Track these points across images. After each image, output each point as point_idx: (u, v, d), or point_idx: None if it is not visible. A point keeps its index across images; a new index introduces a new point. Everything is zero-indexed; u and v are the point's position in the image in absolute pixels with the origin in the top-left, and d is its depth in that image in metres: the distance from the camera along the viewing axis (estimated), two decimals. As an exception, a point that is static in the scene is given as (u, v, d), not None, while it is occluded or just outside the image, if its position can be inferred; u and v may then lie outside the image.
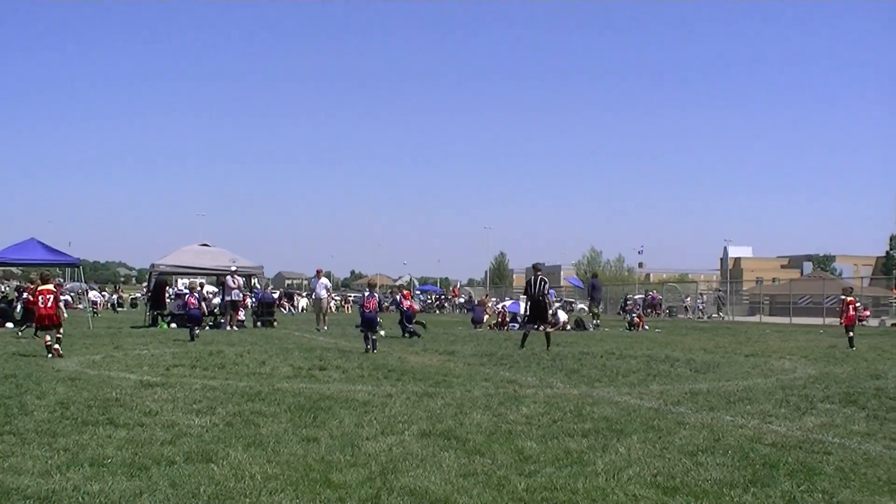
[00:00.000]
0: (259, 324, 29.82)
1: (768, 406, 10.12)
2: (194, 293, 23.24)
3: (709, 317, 51.08)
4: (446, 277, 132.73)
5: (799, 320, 43.13)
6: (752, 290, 64.69)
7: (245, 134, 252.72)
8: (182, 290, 34.51)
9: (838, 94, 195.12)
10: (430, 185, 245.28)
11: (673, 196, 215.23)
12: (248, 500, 5.51)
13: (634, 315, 34.86)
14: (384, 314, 32.24)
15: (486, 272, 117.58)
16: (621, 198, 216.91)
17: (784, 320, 44.54)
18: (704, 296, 58.89)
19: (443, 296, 74.21)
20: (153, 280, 30.34)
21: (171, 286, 38.09)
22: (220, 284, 31.57)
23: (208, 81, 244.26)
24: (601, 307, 39.58)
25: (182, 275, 43.00)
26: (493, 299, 50.07)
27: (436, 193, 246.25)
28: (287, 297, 58.60)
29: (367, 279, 27.48)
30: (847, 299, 22.15)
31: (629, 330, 32.13)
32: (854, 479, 6.32)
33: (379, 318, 19.35)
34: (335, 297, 54.86)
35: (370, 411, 9.30)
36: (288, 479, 6.07)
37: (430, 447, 7.33)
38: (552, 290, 22.03)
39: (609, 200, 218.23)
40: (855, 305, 22.82)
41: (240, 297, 29.09)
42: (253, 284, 32.34)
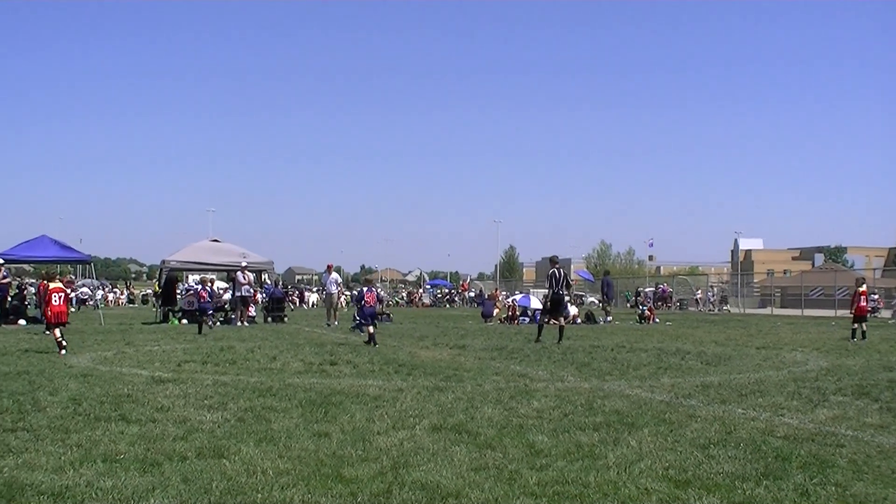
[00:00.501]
0: (270, 319, 29.88)
1: (780, 398, 10.09)
2: (205, 287, 23.30)
3: (719, 309, 50.99)
4: (456, 272, 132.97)
5: (811, 312, 43.03)
6: (762, 282, 64.59)
7: (255, 130, 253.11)
8: (193, 287, 34.62)
9: (849, 85, 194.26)
10: (439, 180, 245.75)
11: (683, 188, 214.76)
12: (260, 496, 5.51)
13: (645, 308, 34.84)
14: (396, 309, 32.17)
15: (496, 266, 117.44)
16: (631, 190, 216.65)
17: (796, 312, 44.43)
18: (715, 288, 58.78)
19: (453, 290, 74.29)
20: (164, 276, 30.43)
21: (182, 282, 38.17)
22: (231, 280, 31.63)
23: (218, 77, 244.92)
24: (613, 304, 39.52)
25: (193, 271, 43.02)
26: (504, 293, 50.12)
27: (445, 188, 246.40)
28: (298, 292, 58.68)
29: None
30: (860, 290, 22.03)
31: (640, 323, 32.10)
32: (867, 472, 6.28)
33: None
34: (345, 293, 54.96)
35: (381, 406, 9.30)
36: (300, 474, 6.07)
37: (441, 441, 7.32)
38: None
39: (619, 193, 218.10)
40: (867, 296, 22.69)
41: (250, 292, 29.14)
42: (263, 280, 32.37)
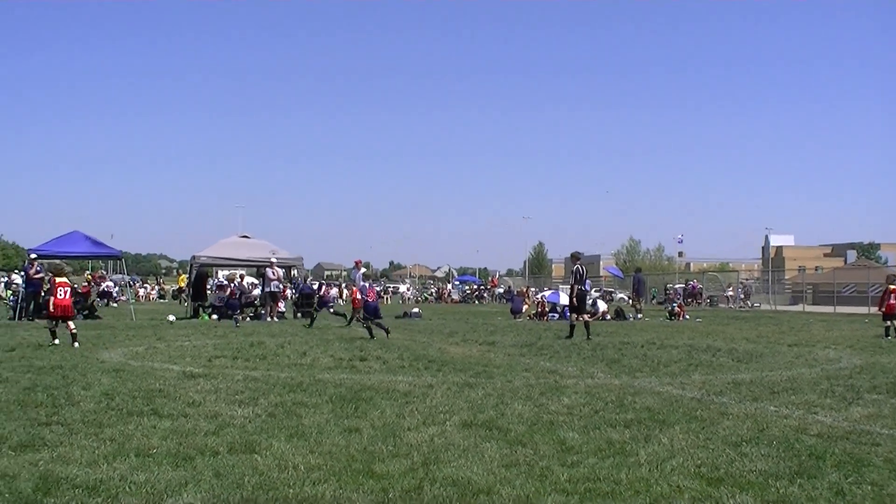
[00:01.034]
0: (299, 315, 29.99)
1: (813, 396, 9.99)
2: (233, 283, 23.44)
3: (747, 306, 50.53)
4: (485, 268, 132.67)
5: (843, 309, 42.52)
6: (794, 278, 63.92)
7: (284, 127, 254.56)
8: (223, 282, 34.81)
9: (881, 81, 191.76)
10: (469, 176, 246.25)
11: (713, 184, 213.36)
12: (291, 491, 5.53)
13: (675, 305, 34.63)
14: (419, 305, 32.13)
15: (525, 262, 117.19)
16: (661, 186, 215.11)
17: (828, 309, 43.94)
18: (745, 284, 58.28)
19: (482, 286, 74.16)
20: (194, 272, 30.63)
21: (212, 278, 38.40)
22: (261, 276, 31.79)
23: (250, 74, 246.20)
24: (644, 301, 39.27)
25: (222, 266, 43.33)
26: (533, 289, 50.00)
27: (474, 184, 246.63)
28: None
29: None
30: (890, 287, 21.71)
31: (670, 319, 31.93)
32: (903, 471, 6.21)
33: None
34: (375, 288, 55.02)
35: (411, 402, 9.31)
36: (331, 470, 6.09)
37: (471, 437, 7.31)
38: (587, 281, 21.82)
39: (649, 189, 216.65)
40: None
41: (279, 288, 29.25)
42: (293, 276, 32.50)
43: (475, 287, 73.37)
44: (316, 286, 30.49)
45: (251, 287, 32.66)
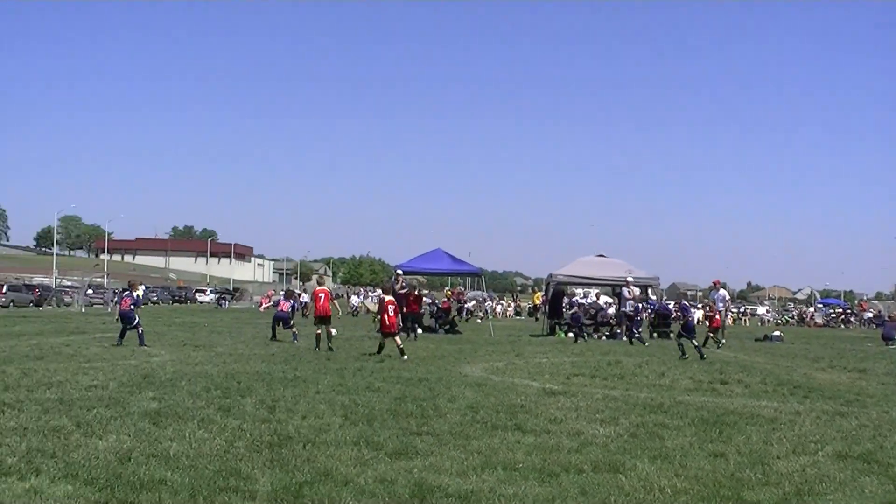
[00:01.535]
0: (655, 335, 29.56)
1: None
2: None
3: None
4: (850, 290, 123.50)
5: None
6: None
7: (641, 147, 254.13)
8: (578, 300, 35.18)
9: None
10: (836, 194, 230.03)
11: None
12: (659, 515, 5.34)
13: None
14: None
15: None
16: None
17: None
18: None
19: (848, 309, 69.02)
20: (551, 289, 31.20)
21: (568, 296, 39.00)
22: (616, 294, 31.72)
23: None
24: None
25: (578, 285, 43.88)
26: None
27: (840, 203, 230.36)
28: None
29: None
30: None
31: None
32: None
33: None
34: (732, 311, 52.99)
35: (778, 428, 8.90)
36: (698, 495, 5.91)
37: (847, 470, 6.86)
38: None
39: None
40: None
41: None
42: (648, 295, 32.12)
43: (840, 310, 68.44)
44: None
45: (606, 306, 32.70)
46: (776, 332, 35.29)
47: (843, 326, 58.88)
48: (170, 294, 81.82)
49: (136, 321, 18.39)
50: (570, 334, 28.53)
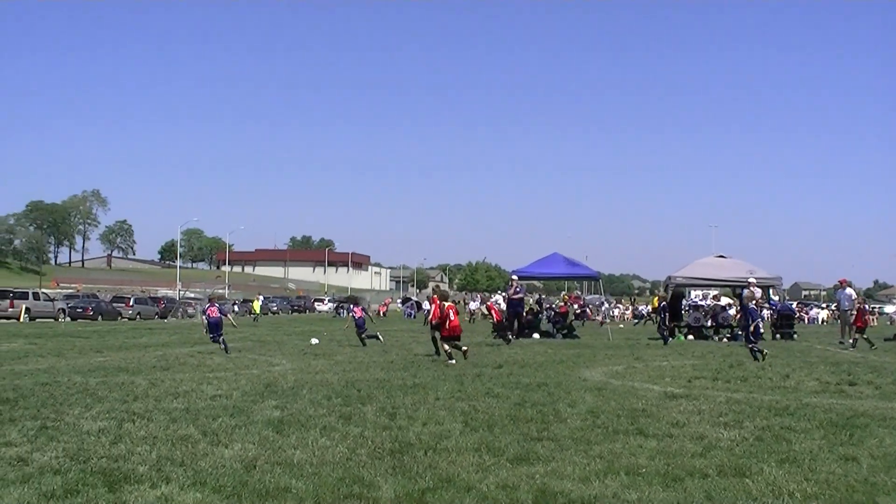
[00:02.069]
0: (778, 336, 28.85)
1: None
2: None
3: None
4: None
5: None
6: None
7: (763, 143, 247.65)
8: (696, 302, 34.54)
9: None
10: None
11: None
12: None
13: None
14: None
15: None
16: None
17: None
18: None
19: None
20: (670, 292, 30.74)
21: (686, 298, 38.36)
22: (737, 296, 31.03)
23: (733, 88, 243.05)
24: None
25: (697, 286, 43.06)
26: None
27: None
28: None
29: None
30: None
31: None
32: None
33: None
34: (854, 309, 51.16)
35: (915, 432, 8.50)
36: (830, 499, 5.75)
37: None
38: None
39: None
40: None
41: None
42: (769, 296, 31.33)
43: None
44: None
45: (727, 307, 32.02)
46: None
47: None
48: (289, 304, 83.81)
49: (221, 332, 19.27)
50: (690, 336, 28.06)
